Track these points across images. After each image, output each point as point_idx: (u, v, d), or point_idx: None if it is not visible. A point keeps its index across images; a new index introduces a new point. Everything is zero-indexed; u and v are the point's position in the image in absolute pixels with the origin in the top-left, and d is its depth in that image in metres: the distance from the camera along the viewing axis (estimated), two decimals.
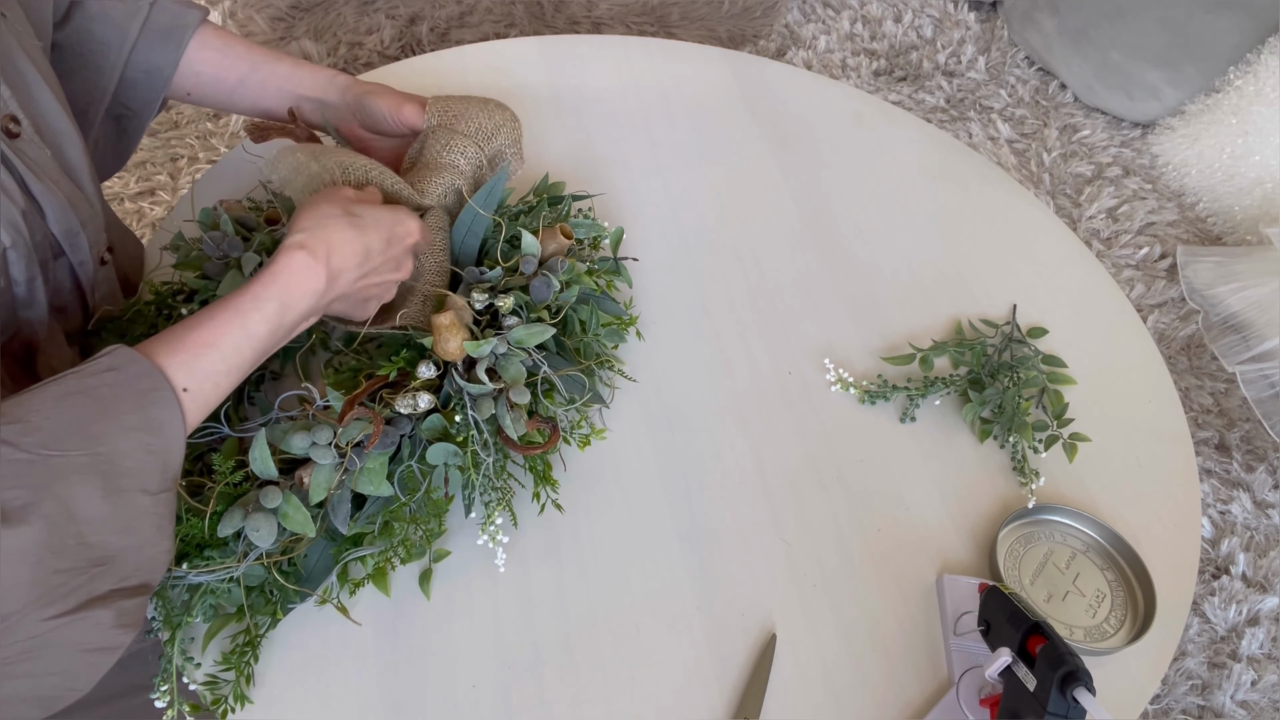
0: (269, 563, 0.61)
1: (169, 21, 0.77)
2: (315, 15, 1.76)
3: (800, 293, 0.91)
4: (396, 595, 0.67)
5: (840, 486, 0.77)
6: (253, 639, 0.62)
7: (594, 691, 0.64)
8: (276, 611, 0.63)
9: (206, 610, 0.61)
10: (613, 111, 1.05)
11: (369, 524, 0.65)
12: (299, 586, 0.63)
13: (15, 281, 0.60)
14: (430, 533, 0.67)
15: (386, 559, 0.66)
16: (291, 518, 0.60)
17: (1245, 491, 1.39)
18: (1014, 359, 0.85)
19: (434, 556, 0.68)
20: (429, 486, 0.66)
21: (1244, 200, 1.69)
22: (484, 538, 0.67)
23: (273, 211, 0.76)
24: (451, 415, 0.66)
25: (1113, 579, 0.73)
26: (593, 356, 0.77)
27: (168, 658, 0.59)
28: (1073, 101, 1.95)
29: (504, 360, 0.68)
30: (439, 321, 0.66)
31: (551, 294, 0.73)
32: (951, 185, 1.05)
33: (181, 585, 0.60)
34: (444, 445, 0.65)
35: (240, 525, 0.59)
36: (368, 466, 0.62)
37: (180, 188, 1.62)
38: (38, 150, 0.61)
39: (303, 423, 0.62)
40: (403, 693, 0.63)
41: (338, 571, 0.65)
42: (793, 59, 1.97)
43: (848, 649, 0.68)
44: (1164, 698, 1.21)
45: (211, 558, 0.60)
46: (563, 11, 1.84)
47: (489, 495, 0.68)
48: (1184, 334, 1.58)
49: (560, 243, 0.77)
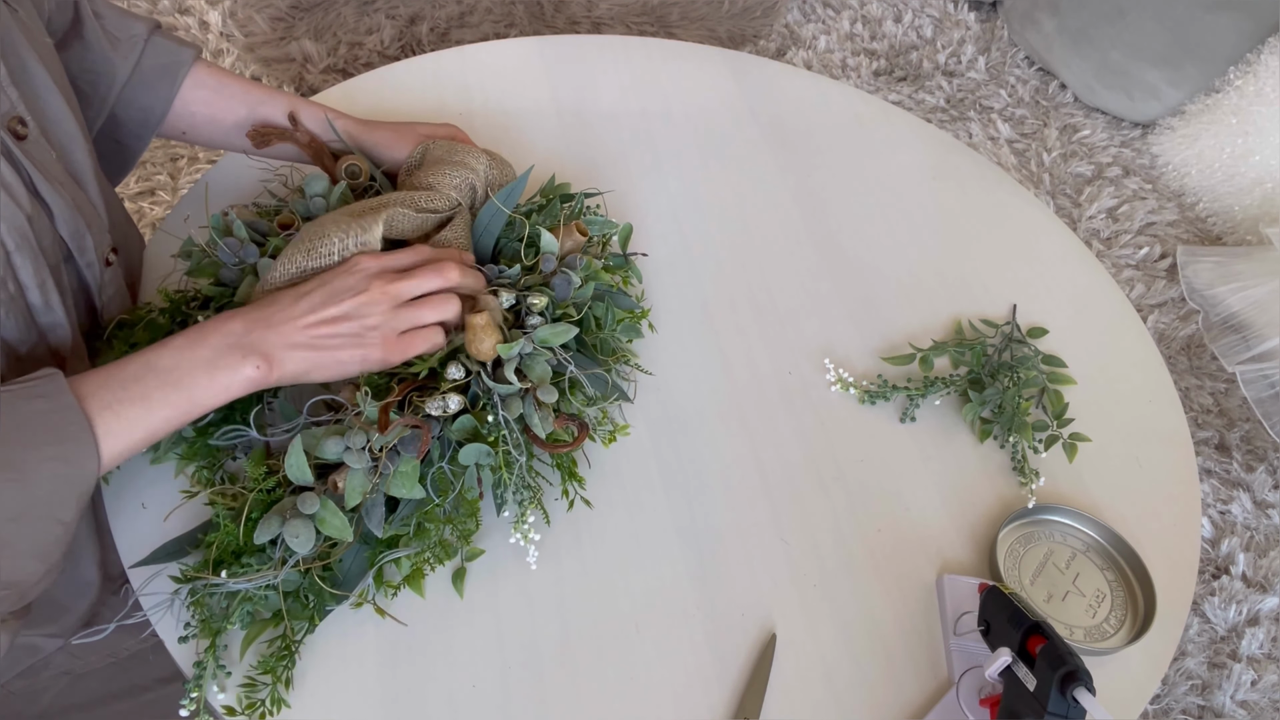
0: (306, 568, 0.61)
1: (162, 62, 0.76)
2: (315, 15, 1.76)
3: (800, 293, 0.91)
4: (397, 596, 0.67)
5: (840, 486, 0.77)
6: (290, 644, 0.62)
7: (594, 691, 0.64)
8: (314, 617, 0.63)
9: (244, 617, 0.61)
10: (613, 111, 1.05)
11: (403, 526, 0.65)
12: (336, 590, 0.63)
13: (26, 286, 0.59)
14: (466, 532, 0.67)
15: (423, 560, 0.66)
16: (329, 523, 0.60)
17: (1245, 491, 1.39)
18: (1014, 359, 0.85)
19: (467, 555, 0.68)
20: (462, 487, 0.66)
21: (1244, 200, 1.69)
22: (516, 536, 0.68)
23: (286, 216, 0.75)
24: (483, 416, 0.66)
25: (1113, 579, 0.73)
26: (610, 353, 0.77)
27: (203, 664, 0.59)
28: (1073, 101, 1.95)
29: (529, 360, 0.68)
30: (474, 321, 0.66)
31: (572, 290, 0.73)
32: (951, 185, 1.05)
33: (220, 593, 0.60)
34: (477, 446, 0.65)
35: (278, 532, 0.59)
36: (400, 470, 0.62)
37: (180, 188, 1.62)
38: (44, 152, 0.61)
39: (336, 428, 0.62)
40: (403, 693, 0.63)
41: (374, 574, 0.65)
42: (793, 59, 1.97)
43: (848, 649, 0.68)
44: (1164, 698, 1.21)
45: (249, 565, 0.60)
46: (563, 11, 1.83)
47: (521, 494, 0.68)
48: (1184, 334, 1.58)
49: (576, 240, 0.77)
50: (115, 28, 0.74)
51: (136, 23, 0.75)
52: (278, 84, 1.74)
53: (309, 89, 1.72)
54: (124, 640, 0.76)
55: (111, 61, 0.73)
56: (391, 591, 0.66)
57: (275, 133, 0.80)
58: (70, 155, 0.65)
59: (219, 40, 1.83)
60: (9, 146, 0.58)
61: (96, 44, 0.72)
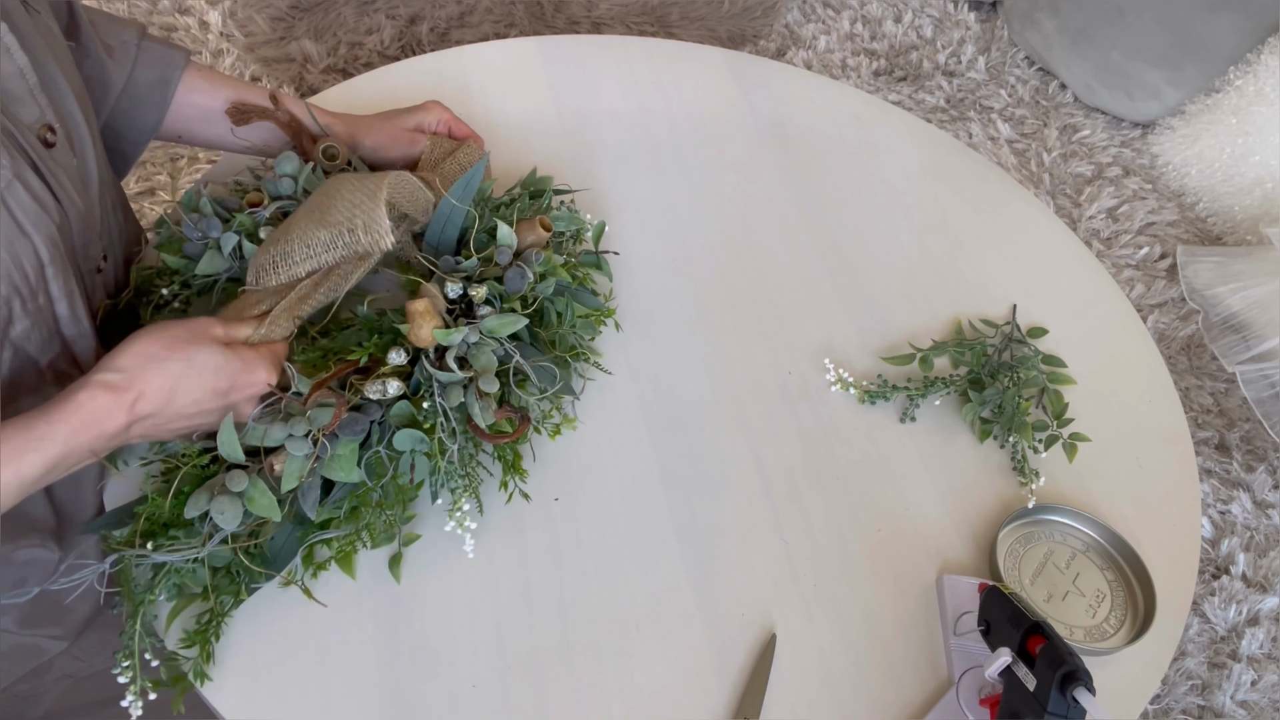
0: (235, 545, 0.62)
1: (155, 67, 0.76)
2: (315, 15, 1.76)
3: (800, 292, 0.91)
4: (396, 595, 0.67)
5: (840, 486, 0.77)
6: (216, 618, 0.62)
7: (594, 691, 0.64)
8: (240, 592, 0.63)
9: (170, 589, 0.62)
10: (612, 111, 1.05)
11: (335, 509, 0.66)
12: (264, 569, 0.64)
13: (55, 299, 0.59)
14: (396, 518, 0.68)
15: (351, 543, 0.66)
16: (257, 502, 0.60)
17: (1245, 491, 1.39)
18: (1014, 359, 0.85)
19: (403, 540, 0.69)
20: (396, 472, 0.67)
21: (1244, 200, 1.69)
22: (451, 524, 0.68)
23: (255, 196, 0.77)
24: (419, 402, 0.67)
25: (1113, 579, 0.73)
26: (567, 348, 0.78)
27: (129, 634, 0.60)
28: (1073, 101, 1.95)
29: (475, 349, 0.69)
30: (414, 308, 0.67)
31: (525, 285, 0.73)
32: (951, 185, 1.05)
33: (146, 564, 0.61)
34: (411, 431, 0.66)
35: (206, 507, 0.60)
36: (339, 454, 0.63)
37: (180, 188, 1.62)
38: (67, 159, 0.60)
39: (279, 413, 0.63)
40: (402, 693, 0.63)
41: (303, 554, 0.65)
42: (793, 59, 1.97)
43: (848, 649, 0.68)
44: (1164, 698, 1.21)
45: (176, 538, 0.60)
46: (563, 11, 1.83)
47: (455, 482, 0.68)
48: (1184, 334, 1.58)
49: (539, 235, 0.77)
50: (107, 34, 0.73)
51: (126, 28, 0.75)
52: (277, 84, 1.74)
53: (309, 89, 1.72)
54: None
55: (107, 68, 0.72)
56: (319, 570, 0.66)
57: (255, 110, 0.80)
58: (86, 163, 0.64)
59: (219, 40, 1.83)
60: (40, 155, 0.57)
61: (94, 51, 0.71)
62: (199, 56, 1.77)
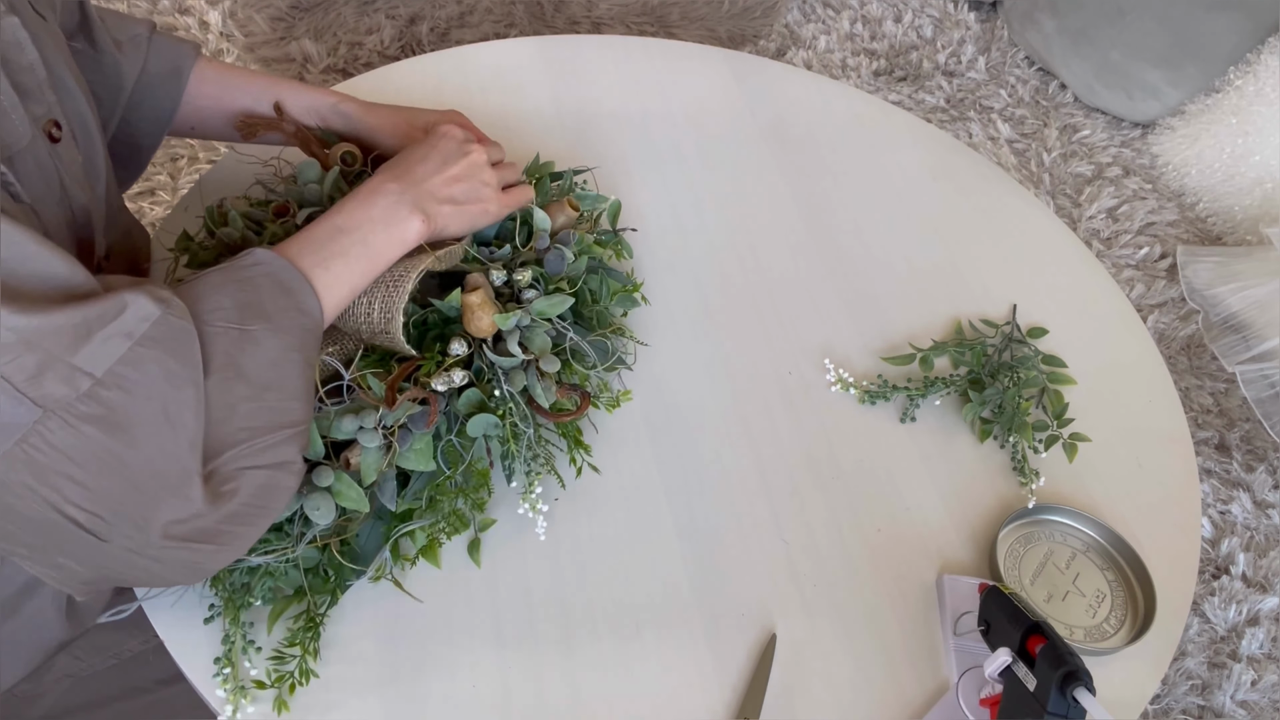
0: (324, 544, 0.63)
1: (167, 61, 0.76)
2: (315, 15, 1.76)
3: (800, 293, 0.91)
4: (394, 595, 0.67)
5: (840, 486, 0.77)
6: (314, 617, 0.63)
7: (594, 692, 0.64)
8: (335, 591, 0.64)
9: (266, 592, 0.62)
10: (612, 112, 1.05)
11: (415, 500, 0.67)
12: (354, 565, 0.64)
13: None
14: (480, 502, 0.69)
15: (437, 531, 0.68)
16: (346, 495, 0.61)
17: (1245, 491, 1.39)
18: (1014, 359, 0.85)
19: (480, 526, 0.70)
20: (472, 458, 0.68)
21: (1244, 200, 1.69)
22: (524, 506, 0.69)
23: (281, 203, 0.76)
24: (489, 389, 0.68)
25: (1113, 579, 0.73)
26: (606, 325, 0.78)
27: (230, 639, 0.61)
28: (1073, 101, 1.95)
29: (529, 332, 0.70)
30: (469, 300, 0.68)
31: (566, 265, 0.74)
32: (951, 185, 1.05)
33: (240, 568, 0.62)
34: (485, 416, 0.67)
35: (296, 506, 0.60)
36: (414, 446, 0.64)
37: (180, 188, 1.62)
38: (73, 156, 0.61)
39: (350, 406, 0.63)
40: (402, 693, 0.63)
41: (389, 548, 0.67)
42: (793, 59, 1.97)
43: (848, 649, 0.68)
44: (1164, 698, 1.21)
45: (268, 540, 0.61)
46: (563, 11, 1.84)
47: (529, 465, 0.70)
48: (1184, 334, 1.58)
49: (569, 215, 0.78)
50: (118, 30, 0.74)
51: (136, 24, 0.75)
52: None
53: None
54: (126, 641, 0.76)
55: (119, 65, 0.73)
56: (408, 564, 0.67)
57: (262, 123, 0.80)
58: (93, 160, 0.64)
59: (219, 40, 1.83)
60: (47, 149, 0.57)
61: (106, 48, 0.72)
62: None
